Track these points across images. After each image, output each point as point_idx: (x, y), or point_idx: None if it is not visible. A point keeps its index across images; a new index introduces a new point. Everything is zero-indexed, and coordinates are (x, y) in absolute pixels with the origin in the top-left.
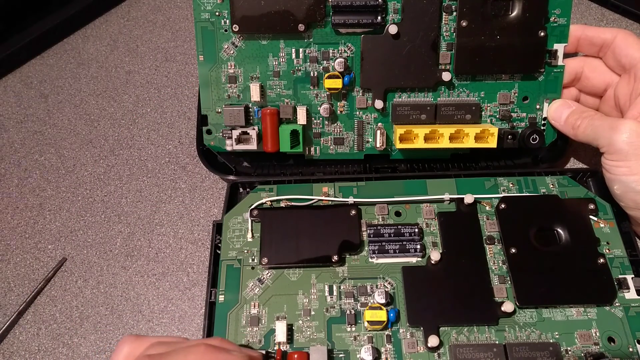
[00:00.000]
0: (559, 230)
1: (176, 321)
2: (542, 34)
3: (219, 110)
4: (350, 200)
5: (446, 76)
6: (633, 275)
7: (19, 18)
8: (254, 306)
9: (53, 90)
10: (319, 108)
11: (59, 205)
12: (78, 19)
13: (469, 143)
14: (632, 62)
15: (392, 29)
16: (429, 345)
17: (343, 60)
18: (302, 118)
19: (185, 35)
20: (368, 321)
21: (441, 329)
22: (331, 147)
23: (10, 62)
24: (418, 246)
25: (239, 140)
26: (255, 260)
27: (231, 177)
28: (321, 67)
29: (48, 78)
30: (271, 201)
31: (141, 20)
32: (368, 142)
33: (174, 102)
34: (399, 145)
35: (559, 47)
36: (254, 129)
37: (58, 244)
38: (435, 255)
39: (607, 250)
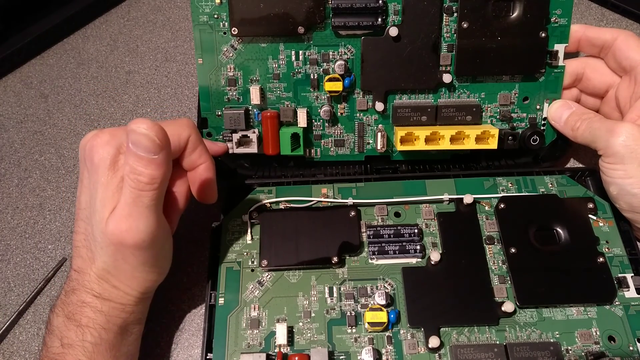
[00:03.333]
0: (559, 229)
1: (176, 321)
2: (543, 34)
3: (219, 114)
4: (350, 201)
5: (447, 78)
6: (633, 274)
7: (19, 18)
8: (254, 308)
9: (53, 90)
10: (319, 110)
11: (59, 205)
12: (78, 19)
13: (470, 144)
14: (633, 65)
15: (393, 31)
16: (430, 346)
17: (343, 62)
18: (302, 121)
19: (185, 35)
20: (368, 322)
21: (442, 329)
22: (332, 149)
23: (10, 62)
24: (418, 247)
25: (239, 144)
26: (255, 263)
27: (231, 179)
28: (321, 70)
29: (48, 78)
30: (270, 203)
31: (141, 20)
32: (369, 144)
33: (174, 102)
34: (399, 147)
35: (560, 48)
36: (254, 132)
37: (58, 244)
38: (435, 256)
39: (606, 249)
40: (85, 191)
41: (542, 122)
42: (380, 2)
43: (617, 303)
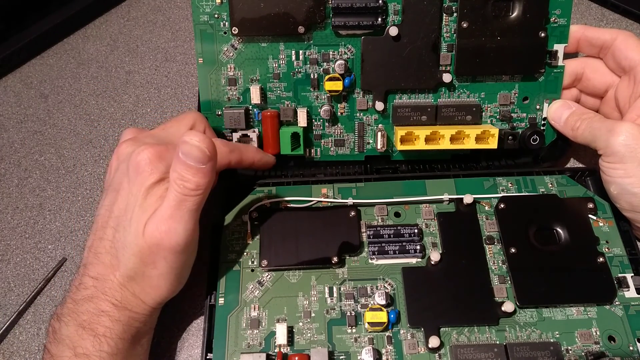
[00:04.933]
0: (559, 229)
1: (176, 321)
2: (542, 34)
3: (219, 113)
4: (350, 201)
5: (447, 77)
6: (633, 274)
7: (19, 18)
8: (254, 309)
9: (53, 90)
10: (319, 110)
11: (59, 205)
12: (78, 19)
13: (470, 144)
14: (632, 65)
15: (393, 31)
16: (430, 346)
17: (343, 62)
18: (302, 120)
19: (185, 35)
20: (368, 322)
21: (442, 329)
22: (332, 149)
23: (10, 62)
24: (418, 247)
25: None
26: (255, 263)
27: (231, 179)
28: (321, 69)
29: (48, 78)
30: (270, 203)
31: (141, 20)
32: (369, 143)
33: (174, 102)
34: (399, 147)
35: (559, 48)
36: (254, 131)
37: (58, 244)
38: (435, 256)
39: (606, 249)
40: (122, 199)
41: (542, 122)
42: (380, 1)
43: (617, 303)
